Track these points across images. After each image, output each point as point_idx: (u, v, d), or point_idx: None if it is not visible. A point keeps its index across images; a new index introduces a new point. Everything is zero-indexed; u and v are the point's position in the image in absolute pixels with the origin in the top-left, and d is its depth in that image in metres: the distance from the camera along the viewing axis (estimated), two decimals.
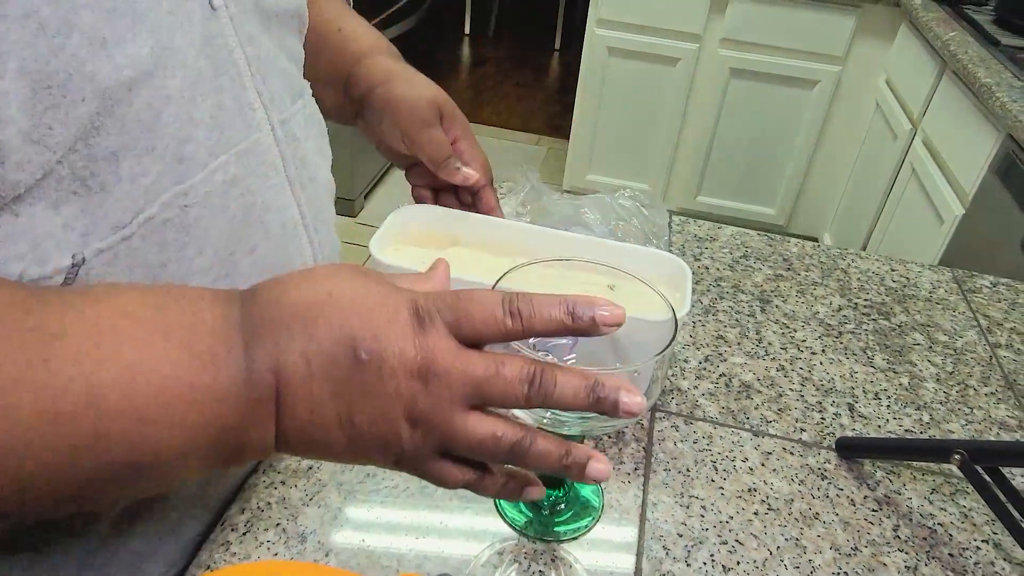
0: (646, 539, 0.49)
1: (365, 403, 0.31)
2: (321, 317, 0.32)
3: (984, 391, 0.66)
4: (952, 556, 0.50)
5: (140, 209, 0.37)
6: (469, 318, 0.32)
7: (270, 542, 0.46)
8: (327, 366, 0.31)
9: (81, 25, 0.32)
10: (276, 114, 0.46)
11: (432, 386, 0.31)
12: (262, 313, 0.32)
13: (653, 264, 0.59)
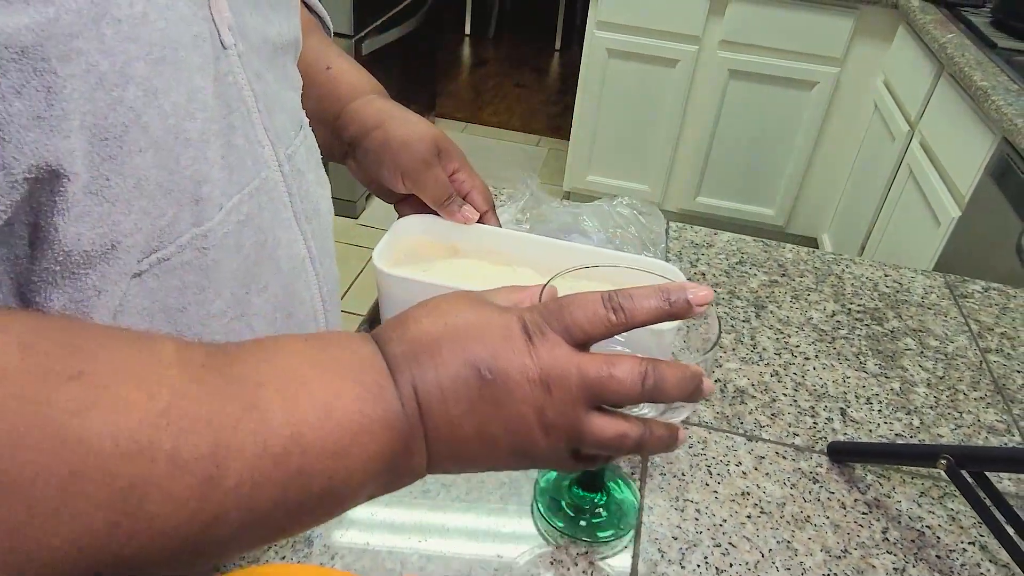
0: (642, 541, 0.51)
1: (499, 417, 0.34)
2: (444, 347, 0.34)
3: (974, 395, 0.67)
4: (939, 558, 0.52)
5: (152, 250, 0.37)
6: (576, 322, 0.35)
7: (277, 545, 0.47)
8: (458, 389, 0.34)
9: (136, 77, 0.33)
10: (283, 149, 0.47)
11: (555, 392, 0.34)
12: (394, 350, 0.35)
13: (648, 269, 0.61)
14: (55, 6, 0.29)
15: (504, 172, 2.97)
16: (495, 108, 3.47)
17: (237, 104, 0.42)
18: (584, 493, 0.52)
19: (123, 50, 0.32)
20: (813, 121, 2.27)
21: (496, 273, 0.63)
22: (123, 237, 0.35)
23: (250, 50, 0.43)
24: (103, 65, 0.31)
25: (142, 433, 0.27)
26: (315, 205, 0.52)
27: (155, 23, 0.33)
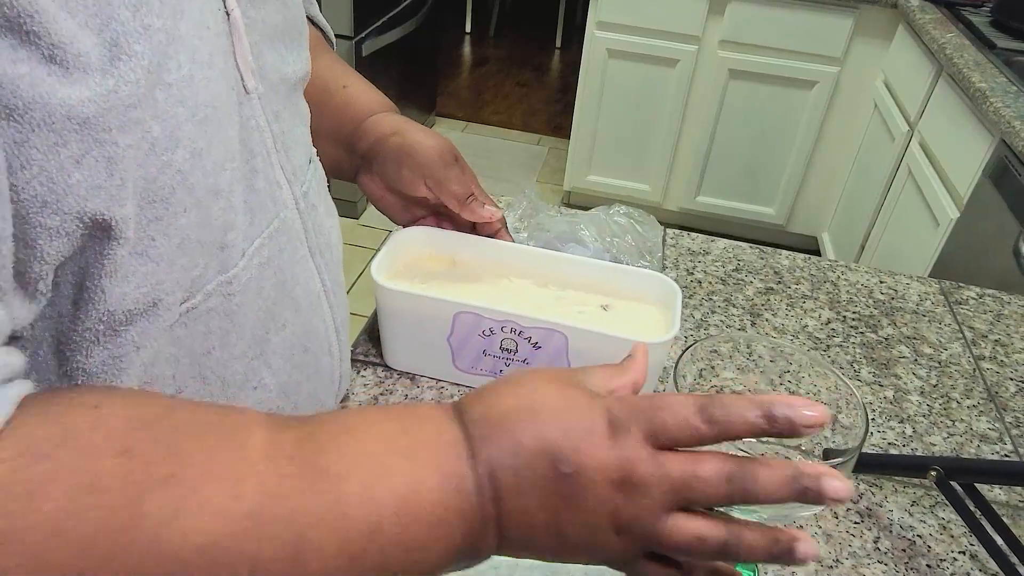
0: None
1: (570, 513, 0.33)
2: (525, 431, 0.33)
3: (967, 403, 0.68)
4: (930, 567, 0.53)
5: (184, 299, 0.37)
6: (664, 426, 0.32)
7: None
8: (532, 478, 0.32)
9: (184, 139, 0.33)
10: (299, 186, 0.47)
11: (633, 496, 0.32)
12: (475, 430, 0.33)
13: (645, 283, 0.63)
14: (114, 78, 0.29)
15: (505, 172, 2.97)
16: (496, 107, 3.48)
17: (259, 148, 0.42)
18: None
19: (174, 114, 0.32)
20: (813, 121, 2.27)
21: (494, 284, 0.63)
22: (164, 295, 0.35)
23: (269, 91, 0.43)
24: (156, 130, 0.31)
25: (227, 539, 0.28)
26: (327, 238, 0.52)
27: (199, 83, 0.33)
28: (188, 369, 0.39)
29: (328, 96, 0.61)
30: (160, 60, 0.31)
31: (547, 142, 3.23)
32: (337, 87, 0.63)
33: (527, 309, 0.58)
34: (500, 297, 0.62)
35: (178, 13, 0.32)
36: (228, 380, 0.42)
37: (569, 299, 0.63)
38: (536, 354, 0.58)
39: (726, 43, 2.22)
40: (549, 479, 0.32)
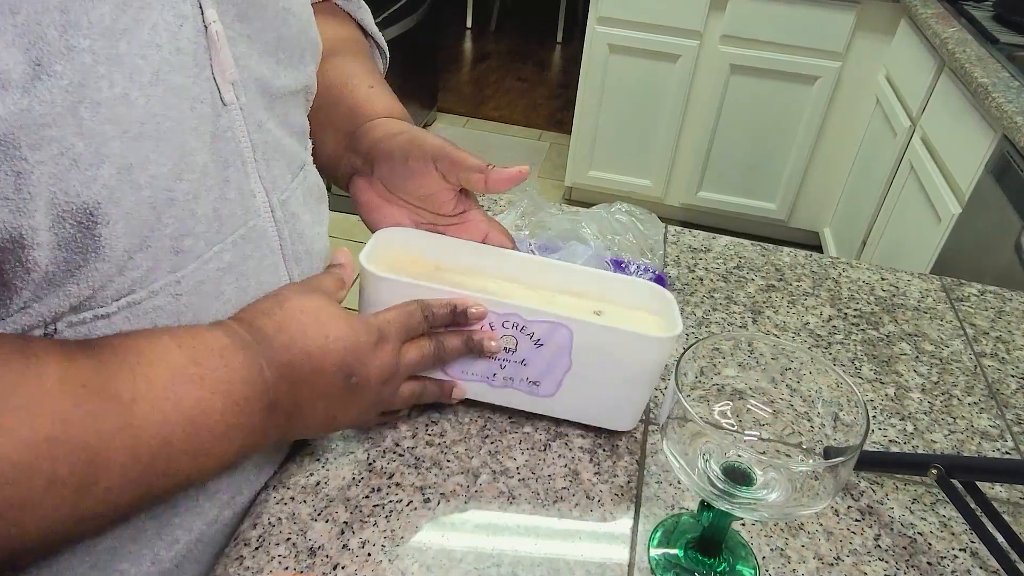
0: (638, 549, 0.52)
1: (350, 408, 0.48)
2: (327, 362, 0.45)
3: (968, 401, 0.68)
4: (931, 564, 0.53)
5: (123, 294, 0.39)
6: (409, 329, 0.50)
7: (281, 556, 0.49)
8: (325, 388, 0.46)
9: (111, 156, 0.34)
10: (277, 196, 0.48)
11: (390, 384, 0.50)
12: (279, 361, 0.44)
13: (637, 291, 0.60)
14: (31, 96, 0.30)
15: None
16: (497, 103, 3.47)
17: (234, 158, 0.43)
18: (701, 558, 0.51)
19: (100, 131, 0.33)
20: (814, 116, 2.27)
21: (484, 287, 0.60)
22: (94, 292, 0.37)
23: (253, 102, 0.45)
24: (79, 147, 0.32)
25: (23, 460, 0.32)
26: (308, 246, 0.53)
27: (135, 100, 0.34)
28: None
29: (349, 91, 0.61)
30: (84, 80, 0.32)
31: (548, 137, 3.22)
32: (362, 84, 0.62)
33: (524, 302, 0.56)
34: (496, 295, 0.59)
35: (116, 34, 0.33)
36: None
37: (561, 303, 0.60)
38: (537, 352, 0.54)
39: (727, 38, 2.21)
40: (339, 387, 0.46)
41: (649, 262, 0.77)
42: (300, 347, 0.43)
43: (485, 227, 0.60)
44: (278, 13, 0.47)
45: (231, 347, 0.41)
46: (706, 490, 0.44)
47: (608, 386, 0.56)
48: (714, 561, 0.50)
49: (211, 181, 0.41)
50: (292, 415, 0.45)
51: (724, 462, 0.46)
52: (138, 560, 0.46)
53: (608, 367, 0.55)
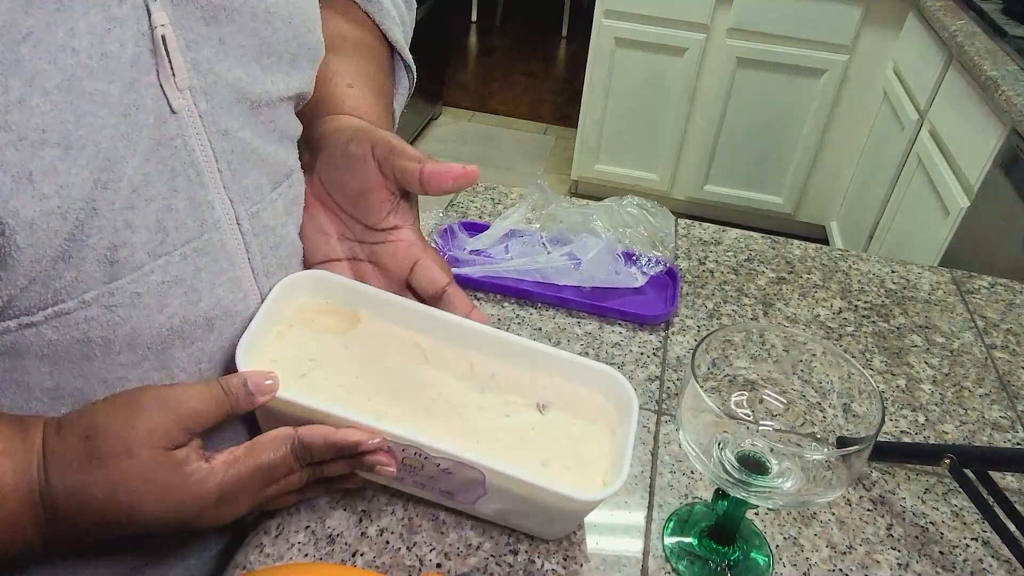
0: (652, 538, 0.52)
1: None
2: (111, 511, 0.39)
3: (979, 392, 0.68)
4: (942, 553, 0.53)
5: (49, 303, 0.37)
6: (273, 478, 0.44)
7: (301, 543, 0.49)
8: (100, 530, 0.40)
9: (4, 164, 0.32)
10: (246, 207, 0.46)
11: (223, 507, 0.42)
12: (69, 523, 0.39)
13: (595, 381, 0.51)
14: None
15: (511, 161, 2.97)
16: (502, 97, 3.47)
17: (184, 167, 0.41)
18: (715, 546, 0.51)
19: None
20: (822, 109, 2.27)
21: (402, 370, 0.51)
22: (4, 304, 0.36)
23: (219, 108, 0.43)
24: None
25: None
26: (283, 261, 0.50)
27: (36, 107, 0.33)
28: (70, 369, 0.40)
29: (324, 85, 0.56)
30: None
31: (554, 131, 3.22)
32: (341, 82, 0.57)
33: (442, 409, 0.48)
34: (408, 390, 0.49)
35: (16, 38, 0.32)
36: (114, 384, 0.42)
37: (495, 395, 0.51)
38: (447, 476, 0.46)
39: (734, 31, 2.21)
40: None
41: (660, 255, 0.77)
42: (100, 525, 0.39)
43: (416, 252, 0.52)
44: (258, 16, 0.44)
45: (15, 460, 0.38)
46: (721, 478, 0.44)
47: (530, 517, 0.49)
48: (728, 549, 0.51)
49: (152, 191, 0.39)
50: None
51: (739, 451, 0.46)
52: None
53: (529, 505, 0.47)
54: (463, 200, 0.89)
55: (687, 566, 0.50)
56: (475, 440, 0.47)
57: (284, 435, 0.43)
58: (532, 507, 0.47)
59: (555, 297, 0.73)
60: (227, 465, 0.41)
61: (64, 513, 0.38)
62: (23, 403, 0.40)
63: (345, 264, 0.54)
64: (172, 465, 0.39)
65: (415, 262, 0.52)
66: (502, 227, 0.79)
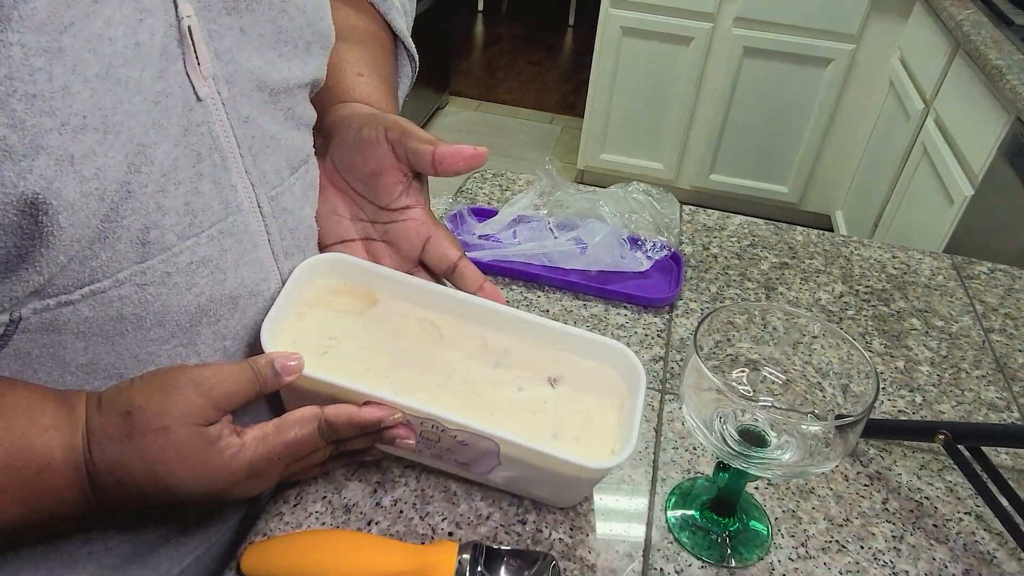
0: (655, 511, 0.54)
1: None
2: (148, 485, 0.41)
3: (976, 374, 0.70)
4: (936, 527, 0.55)
5: (86, 283, 0.39)
6: (300, 453, 0.46)
7: (318, 512, 0.51)
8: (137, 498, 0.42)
9: (48, 147, 0.34)
10: (266, 190, 0.48)
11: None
12: (108, 498, 0.41)
13: (604, 356, 0.53)
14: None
15: (518, 150, 2.98)
16: (509, 86, 3.48)
17: (209, 152, 0.43)
18: (716, 518, 0.53)
19: (35, 124, 0.33)
20: (827, 99, 2.27)
21: (417, 349, 0.53)
22: (46, 282, 0.37)
23: (240, 96, 0.44)
24: (12, 139, 0.33)
25: None
26: (300, 243, 0.52)
27: (78, 94, 0.35)
28: (102, 346, 0.42)
29: (335, 73, 0.58)
30: (13, 73, 0.32)
31: (560, 121, 3.23)
32: (351, 70, 0.59)
33: (456, 384, 0.50)
34: (424, 367, 0.51)
35: (59, 28, 0.34)
36: (145, 360, 0.44)
37: (508, 370, 0.52)
38: (462, 447, 0.48)
39: (740, 20, 2.21)
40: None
41: (665, 240, 0.79)
42: (138, 497, 0.41)
43: (428, 230, 0.54)
44: (275, 5, 0.45)
45: (65, 463, 0.40)
46: (723, 450, 0.46)
47: (542, 486, 0.52)
48: (728, 520, 0.53)
49: (181, 175, 0.41)
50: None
51: (740, 425, 0.48)
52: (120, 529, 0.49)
53: (542, 474, 0.49)
54: (472, 186, 0.91)
55: (689, 537, 0.52)
56: (489, 413, 0.49)
57: (311, 414, 0.45)
58: (544, 476, 0.49)
59: (562, 281, 0.75)
60: (257, 441, 0.43)
61: (106, 485, 0.40)
62: (59, 377, 0.42)
63: (359, 244, 0.56)
64: (206, 442, 0.41)
65: (427, 239, 0.54)
66: (510, 213, 0.81)
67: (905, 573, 0.51)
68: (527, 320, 0.53)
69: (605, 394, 0.52)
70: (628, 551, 0.51)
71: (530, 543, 0.51)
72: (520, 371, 0.53)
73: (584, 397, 0.52)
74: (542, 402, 0.51)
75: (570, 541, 0.51)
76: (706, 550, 0.51)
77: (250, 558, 0.47)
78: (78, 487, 0.40)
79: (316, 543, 0.47)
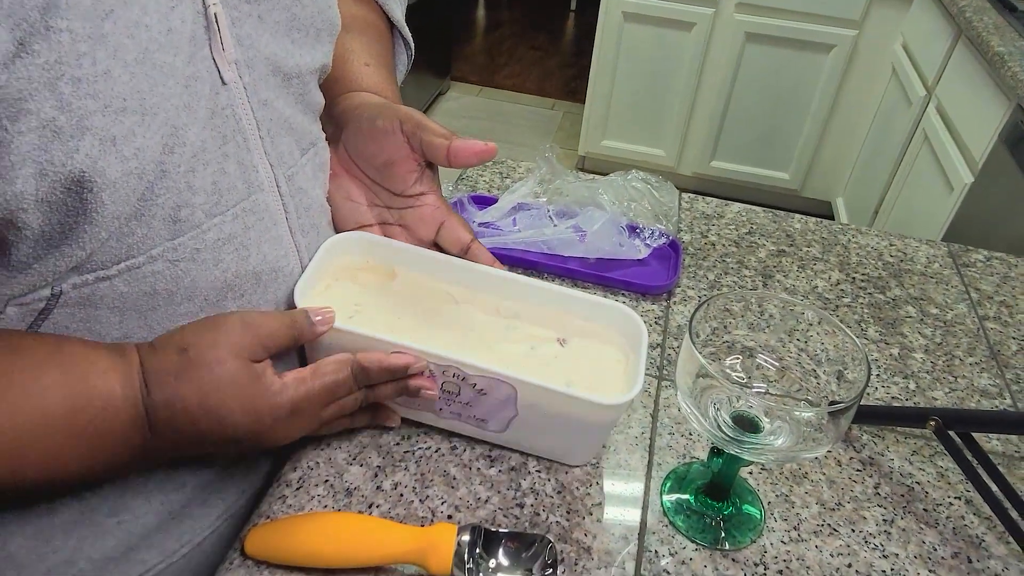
0: (651, 495, 0.55)
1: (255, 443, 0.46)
2: (218, 440, 0.44)
3: (969, 361, 0.71)
4: (926, 511, 0.56)
5: (122, 258, 0.41)
6: (336, 395, 0.49)
7: (320, 496, 0.53)
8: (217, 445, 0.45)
9: (93, 128, 0.36)
10: (283, 170, 0.50)
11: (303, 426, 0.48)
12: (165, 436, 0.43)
13: (608, 316, 0.56)
14: (8, 73, 0.32)
15: (519, 136, 2.98)
16: (510, 72, 3.47)
17: (233, 134, 0.45)
18: (711, 502, 0.54)
19: (81, 106, 0.35)
20: (829, 85, 2.26)
21: (436, 309, 0.57)
22: (87, 257, 0.39)
23: (259, 81, 0.47)
24: (60, 120, 0.34)
25: None
26: (315, 220, 0.54)
27: (118, 78, 0.36)
28: (134, 319, 0.44)
29: (342, 63, 0.60)
30: (62, 58, 0.34)
31: (561, 106, 3.22)
32: (358, 60, 0.62)
33: (473, 343, 0.54)
34: (442, 327, 0.55)
35: (101, 15, 0.35)
36: None
37: (521, 331, 0.56)
38: (481, 399, 0.51)
39: (743, 6, 2.20)
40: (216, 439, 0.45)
41: (663, 227, 0.79)
42: (190, 433, 0.43)
43: (442, 215, 0.58)
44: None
45: (122, 400, 0.42)
46: (717, 436, 0.47)
47: (557, 436, 0.54)
48: (722, 504, 0.54)
49: (209, 156, 0.43)
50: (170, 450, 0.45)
51: (734, 411, 0.49)
52: (147, 499, 0.51)
53: (557, 422, 0.52)
54: (472, 174, 0.91)
55: (684, 520, 0.53)
56: (505, 367, 0.51)
57: (344, 359, 0.48)
58: (559, 424, 0.51)
59: (561, 268, 0.76)
60: (297, 382, 0.46)
61: (162, 420, 0.42)
62: None
63: (376, 229, 0.59)
64: (254, 376, 0.44)
65: (441, 224, 0.58)
66: (510, 200, 0.81)
67: (895, 556, 0.52)
68: (536, 286, 0.57)
69: (611, 350, 0.56)
70: (624, 534, 0.52)
71: (528, 526, 0.52)
72: (531, 332, 0.56)
73: (592, 353, 0.55)
74: (553, 358, 0.55)
75: (567, 524, 0.52)
76: (700, 533, 0.53)
77: (254, 540, 0.48)
78: (137, 425, 0.42)
79: (318, 525, 0.49)
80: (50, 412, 0.39)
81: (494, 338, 0.55)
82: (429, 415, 0.55)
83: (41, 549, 0.46)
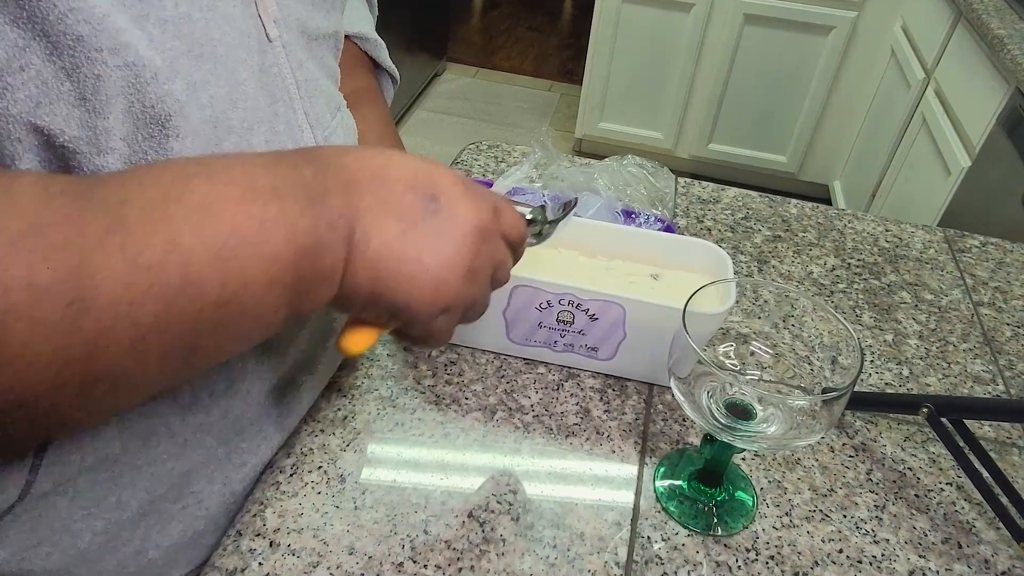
0: (644, 481, 0.55)
1: (435, 244, 0.37)
2: (391, 172, 0.37)
3: (963, 347, 0.71)
4: (918, 496, 0.56)
5: None
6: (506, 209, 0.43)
7: (314, 482, 0.53)
8: (399, 211, 0.36)
9: (182, 72, 0.36)
10: (320, 132, 0.51)
11: (489, 243, 0.40)
12: (333, 171, 0.36)
13: (693, 252, 0.64)
14: (108, 4, 0.32)
15: (515, 118, 2.96)
16: (507, 53, 3.44)
17: (281, 93, 0.45)
18: (704, 488, 0.54)
19: (171, 47, 0.35)
20: (828, 67, 2.25)
21: (544, 255, 0.63)
22: None
23: (293, 41, 0.47)
24: (156, 60, 0.35)
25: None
26: None
27: (197, 22, 0.37)
28: None
29: (360, 143, 0.61)
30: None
31: (558, 88, 3.20)
32: (374, 141, 0.64)
33: (581, 281, 0.59)
34: (552, 269, 0.62)
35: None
36: None
37: (619, 269, 0.65)
38: (593, 325, 0.59)
39: None
40: (418, 212, 0.37)
41: (659, 212, 0.79)
42: (359, 164, 0.37)
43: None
44: None
45: (294, 195, 0.34)
46: (710, 424, 0.47)
47: (660, 353, 0.57)
48: (715, 491, 0.54)
49: (262, 114, 0.43)
50: (356, 232, 0.35)
51: (727, 399, 0.49)
52: (210, 481, 0.50)
53: (660, 338, 0.57)
54: (467, 158, 0.91)
55: (677, 506, 0.54)
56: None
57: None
58: (665, 341, 0.52)
59: None
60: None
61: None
62: None
63: None
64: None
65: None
66: (505, 185, 0.81)
67: (886, 541, 0.53)
68: (626, 231, 0.66)
69: (699, 279, 0.60)
70: (616, 519, 0.52)
71: (521, 511, 0.52)
72: (629, 269, 0.64)
73: (682, 283, 0.63)
74: (650, 288, 0.63)
75: (559, 510, 0.52)
76: (693, 519, 0.53)
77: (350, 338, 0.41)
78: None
79: None
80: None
81: (597, 276, 0.63)
82: (545, 351, 0.62)
83: (111, 543, 0.46)
